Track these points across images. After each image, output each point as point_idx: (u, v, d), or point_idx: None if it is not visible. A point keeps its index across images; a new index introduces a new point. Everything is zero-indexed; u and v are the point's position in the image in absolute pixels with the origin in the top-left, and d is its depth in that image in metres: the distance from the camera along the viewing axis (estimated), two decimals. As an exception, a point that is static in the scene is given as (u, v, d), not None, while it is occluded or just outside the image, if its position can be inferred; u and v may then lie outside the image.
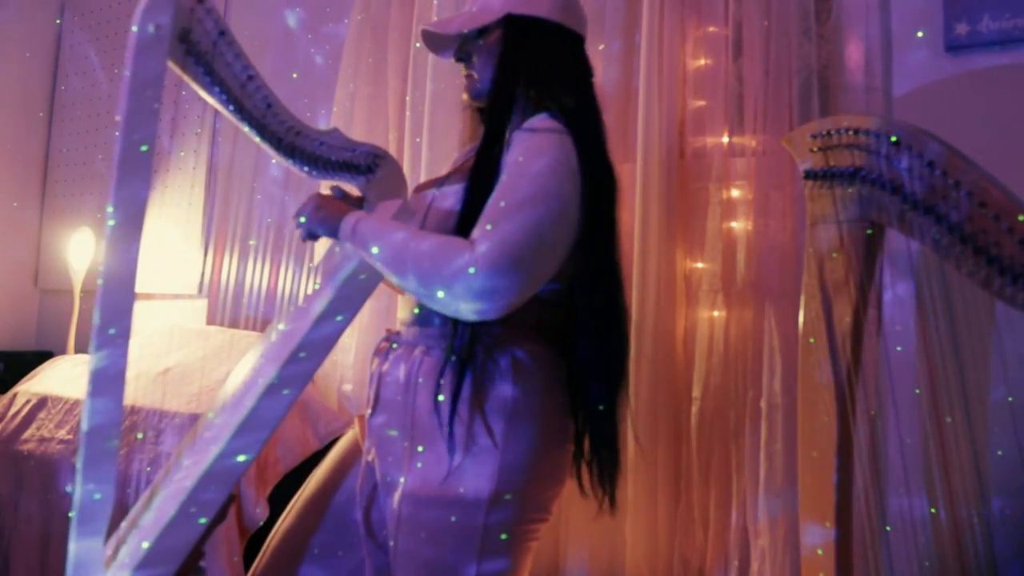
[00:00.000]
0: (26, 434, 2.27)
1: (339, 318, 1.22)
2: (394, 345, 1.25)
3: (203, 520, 1.12)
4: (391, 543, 1.13)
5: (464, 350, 1.10)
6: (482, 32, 1.23)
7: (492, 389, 1.10)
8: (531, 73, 1.19)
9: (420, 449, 1.12)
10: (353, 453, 1.30)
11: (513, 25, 1.20)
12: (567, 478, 1.20)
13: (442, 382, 1.12)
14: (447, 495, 1.08)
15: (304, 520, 1.27)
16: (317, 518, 1.27)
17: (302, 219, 1.21)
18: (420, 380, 1.15)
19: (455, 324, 1.12)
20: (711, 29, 1.93)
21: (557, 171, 1.07)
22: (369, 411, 1.25)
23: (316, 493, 1.29)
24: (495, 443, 1.08)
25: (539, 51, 1.20)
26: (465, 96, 1.30)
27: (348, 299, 1.23)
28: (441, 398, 1.11)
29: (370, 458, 1.25)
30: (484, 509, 1.07)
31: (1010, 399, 1.44)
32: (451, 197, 1.16)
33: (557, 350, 1.19)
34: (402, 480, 1.14)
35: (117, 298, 1.10)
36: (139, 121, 1.12)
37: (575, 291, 1.19)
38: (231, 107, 1.23)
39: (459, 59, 1.28)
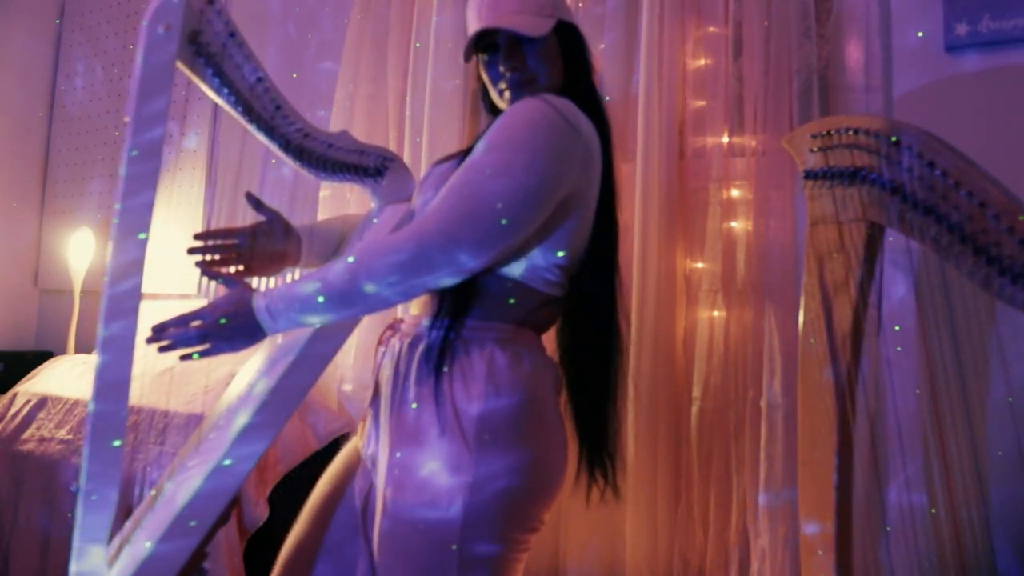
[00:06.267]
0: (26, 434, 2.27)
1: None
2: (381, 350, 1.24)
3: (206, 521, 1.12)
4: (374, 550, 1.10)
5: (440, 344, 1.08)
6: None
7: (466, 393, 1.06)
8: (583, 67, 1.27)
9: (399, 455, 1.08)
10: (357, 456, 1.30)
11: (564, 29, 1.25)
12: (557, 490, 1.14)
13: (408, 384, 1.10)
14: (420, 509, 1.04)
15: (312, 527, 1.25)
16: (324, 523, 1.25)
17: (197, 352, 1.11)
18: (403, 378, 1.12)
19: (435, 312, 1.10)
20: (711, 29, 1.94)
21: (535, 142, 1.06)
22: (370, 408, 1.24)
23: (321, 500, 1.28)
24: (469, 454, 1.03)
25: (582, 50, 1.28)
26: (504, 87, 1.23)
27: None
28: (415, 405, 1.08)
29: (369, 454, 1.24)
30: (458, 526, 1.02)
31: (1010, 399, 1.44)
32: None
33: (548, 355, 1.18)
34: (381, 487, 1.10)
35: (123, 297, 1.09)
36: (148, 122, 1.12)
37: (576, 284, 1.19)
38: (240, 109, 1.23)
39: (511, 57, 1.22)
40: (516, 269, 1.13)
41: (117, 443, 1.08)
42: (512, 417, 1.07)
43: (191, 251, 1.27)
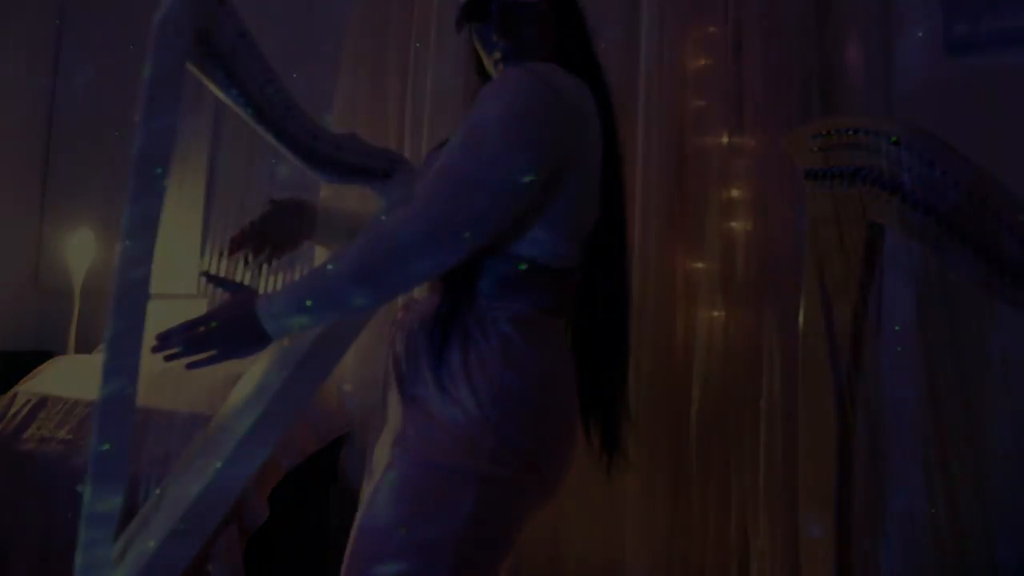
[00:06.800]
0: (26, 434, 2.27)
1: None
2: (394, 329, 1.20)
3: (211, 521, 1.12)
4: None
5: (446, 318, 1.06)
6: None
7: (481, 373, 1.04)
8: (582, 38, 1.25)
9: (409, 432, 1.06)
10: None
11: None
12: (561, 485, 1.12)
13: (420, 361, 1.08)
14: (423, 492, 1.01)
15: None
16: None
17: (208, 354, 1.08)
18: (414, 356, 1.10)
19: (444, 291, 1.08)
20: (711, 29, 1.94)
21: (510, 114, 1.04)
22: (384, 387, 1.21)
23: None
24: (482, 434, 1.02)
25: (577, 16, 1.25)
26: (498, 56, 1.20)
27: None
28: (427, 387, 1.06)
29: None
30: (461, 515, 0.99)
31: (1011, 400, 1.44)
32: None
33: (563, 335, 1.16)
34: (382, 469, 1.08)
35: (130, 298, 1.10)
36: (157, 123, 1.12)
37: (586, 261, 1.17)
38: (249, 110, 1.22)
39: (504, 26, 1.19)
40: (524, 246, 1.10)
41: (122, 443, 1.08)
42: (526, 399, 1.05)
43: (231, 253, 1.33)
